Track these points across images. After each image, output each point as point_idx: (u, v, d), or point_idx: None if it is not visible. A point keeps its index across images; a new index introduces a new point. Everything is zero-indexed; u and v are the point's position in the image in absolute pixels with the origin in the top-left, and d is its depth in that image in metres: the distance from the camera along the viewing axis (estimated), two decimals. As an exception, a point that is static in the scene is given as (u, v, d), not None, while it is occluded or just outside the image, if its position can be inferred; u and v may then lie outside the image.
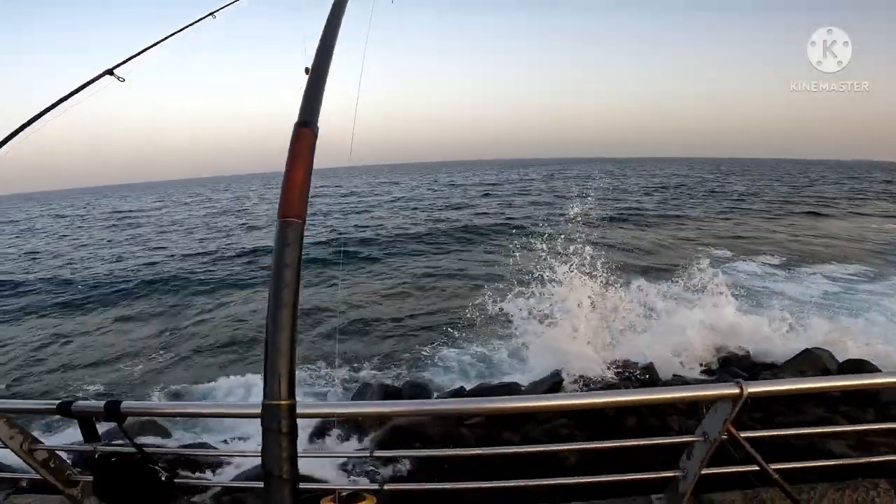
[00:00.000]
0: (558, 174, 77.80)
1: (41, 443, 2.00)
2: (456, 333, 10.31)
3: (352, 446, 5.93)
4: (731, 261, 16.30)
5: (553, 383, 7.17)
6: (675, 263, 12.89)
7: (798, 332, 8.62)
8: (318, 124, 0.97)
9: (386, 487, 2.01)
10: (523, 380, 8.07)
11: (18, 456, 1.91)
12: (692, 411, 5.09)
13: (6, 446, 1.88)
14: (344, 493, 1.42)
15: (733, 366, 7.64)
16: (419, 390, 7.60)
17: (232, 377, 8.99)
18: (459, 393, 7.57)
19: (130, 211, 48.70)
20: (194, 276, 17.03)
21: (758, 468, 1.77)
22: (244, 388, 8.54)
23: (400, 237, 22.38)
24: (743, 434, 1.81)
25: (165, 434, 6.63)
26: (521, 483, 1.98)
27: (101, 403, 1.81)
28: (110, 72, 2.13)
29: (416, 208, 34.68)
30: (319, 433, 6.18)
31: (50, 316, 13.69)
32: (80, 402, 1.83)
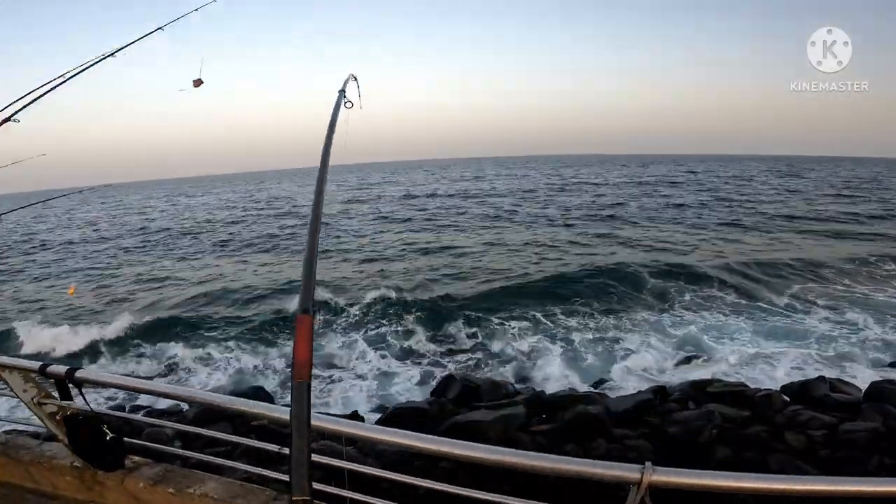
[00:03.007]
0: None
1: (54, 398, 2.39)
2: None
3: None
4: None
5: (638, 401, 6.37)
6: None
7: None
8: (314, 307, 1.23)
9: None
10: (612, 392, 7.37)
11: (28, 407, 2.31)
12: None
13: (19, 398, 2.27)
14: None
15: (888, 401, 5.95)
16: (496, 388, 7.43)
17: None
18: (539, 397, 7.21)
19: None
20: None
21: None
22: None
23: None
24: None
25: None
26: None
27: (65, 369, 2.10)
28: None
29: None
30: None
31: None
32: (53, 366, 2.13)
